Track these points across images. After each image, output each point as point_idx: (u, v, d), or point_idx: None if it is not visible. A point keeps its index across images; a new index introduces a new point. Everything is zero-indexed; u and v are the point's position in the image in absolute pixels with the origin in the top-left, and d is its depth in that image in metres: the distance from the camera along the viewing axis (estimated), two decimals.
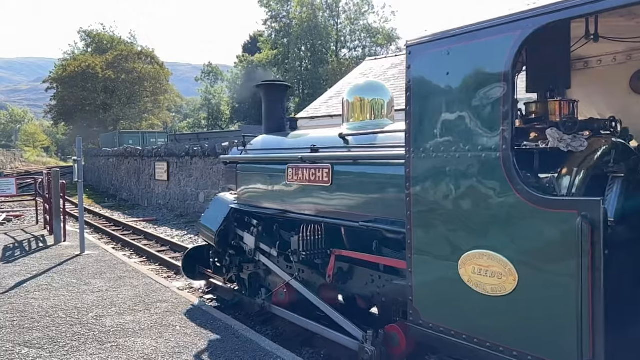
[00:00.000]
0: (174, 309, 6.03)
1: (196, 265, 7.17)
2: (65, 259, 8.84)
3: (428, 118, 3.30)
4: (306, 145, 5.03)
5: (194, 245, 8.50)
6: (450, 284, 3.18)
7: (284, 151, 5.48)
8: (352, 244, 4.67)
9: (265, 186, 5.61)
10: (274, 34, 48.21)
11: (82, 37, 55.18)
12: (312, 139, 5.25)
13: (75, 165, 9.50)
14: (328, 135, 5.13)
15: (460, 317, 3.18)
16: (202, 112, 65.64)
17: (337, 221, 4.60)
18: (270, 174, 5.53)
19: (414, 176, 3.39)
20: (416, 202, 3.38)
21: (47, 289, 6.88)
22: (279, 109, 6.42)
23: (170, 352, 4.74)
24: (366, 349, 4.07)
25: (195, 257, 7.18)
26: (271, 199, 5.50)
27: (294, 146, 5.40)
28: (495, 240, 2.94)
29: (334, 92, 23.09)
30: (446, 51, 3.20)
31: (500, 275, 2.89)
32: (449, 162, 3.16)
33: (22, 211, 17.04)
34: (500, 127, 2.88)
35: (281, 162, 5.32)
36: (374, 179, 4.28)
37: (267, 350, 4.75)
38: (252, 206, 5.86)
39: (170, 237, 12.50)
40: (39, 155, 69.01)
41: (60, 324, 5.52)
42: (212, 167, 15.29)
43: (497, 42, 2.91)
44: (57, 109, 51.51)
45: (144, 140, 34.83)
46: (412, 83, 3.43)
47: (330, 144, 4.82)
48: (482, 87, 2.99)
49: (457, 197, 3.12)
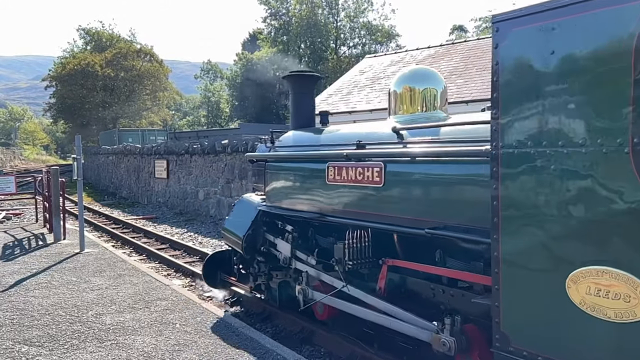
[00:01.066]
0: (173, 307, 6.02)
1: (218, 271, 6.59)
2: (65, 257, 8.84)
3: (524, 106, 2.75)
4: (349, 141, 4.47)
5: (213, 250, 8.03)
6: (553, 305, 2.64)
7: (322, 148, 4.91)
8: (407, 252, 4.16)
9: (300, 186, 5.05)
10: (274, 32, 48.16)
11: (81, 35, 55.15)
12: (356, 134, 4.63)
13: (75, 163, 9.49)
14: (376, 129, 4.56)
15: (566, 347, 2.62)
16: (202, 110, 65.64)
17: (392, 227, 4.02)
18: (306, 173, 4.97)
19: (504, 176, 2.83)
20: (507, 206, 2.82)
21: (46, 287, 6.88)
22: (309, 102, 5.84)
23: (170, 349, 4.74)
24: (443, 340, 3.53)
25: (217, 263, 6.60)
26: (307, 200, 4.92)
27: (334, 142, 4.85)
28: (621, 254, 2.39)
29: (334, 89, 23.07)
30: (550, 26, 2.63)
31: (628, 297, 2.37)
32: (553, 159, 2.60)
33: (21, 209, 17.03)
34: (629, 115, 2.33)
35: (319, 160, 4.74)
36: (441, 179, 3.67)
37: (267, 348, 4.75)
38: (283, 209, 5.24)
39: (169, 235, 12.49)
40: (39, 153, 69.06)
41: (60, 321, 5.51)
42: (211, 164, 15.27)
43: (628, 11, 2.35)
44: (56, 106, 51.54)
45: (144, 138, 34.82)
46: (501, 66, 2.84)
47: (379, 139, 4.26)
48: (603, 67, 2.43)
49: (565, 200, 2.57)
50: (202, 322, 5.49)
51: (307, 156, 5.00)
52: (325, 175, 4.61)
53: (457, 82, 17.62)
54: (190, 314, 5.77)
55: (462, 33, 52.48)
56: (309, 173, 4.93)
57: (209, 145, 15.44)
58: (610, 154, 2.40)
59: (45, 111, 57.45)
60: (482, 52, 18.88)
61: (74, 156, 9.63)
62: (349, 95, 21.15)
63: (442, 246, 3.79)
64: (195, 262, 9.37)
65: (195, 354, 4.64)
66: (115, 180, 24.37)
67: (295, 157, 5.23)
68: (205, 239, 11.96)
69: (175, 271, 8.75)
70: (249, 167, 11.44)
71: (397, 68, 21.52)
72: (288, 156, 5.35)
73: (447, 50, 21.11)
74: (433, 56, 21.03)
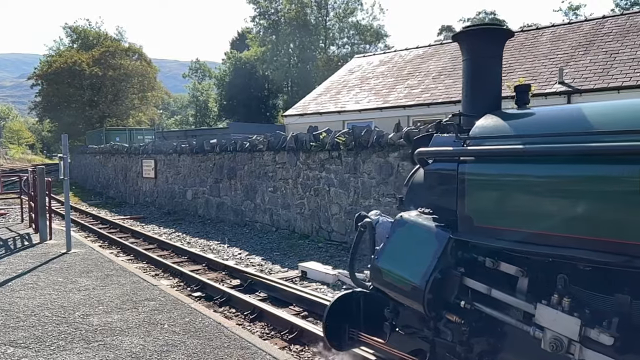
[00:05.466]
0: (162, 307, 5.98)
1: (344, 325, 4.11)
2: (51, 257, 8.74)
3: None
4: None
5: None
6: None
7: (603, 137, 2.67)
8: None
9: (566, 203, 2.78)
10: (263, 31, 48.12)
11: (67, 33, 54.55)
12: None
13: (61, 163, 9.39)
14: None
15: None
16: (190, 109, 65.33)
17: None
18: (586, 180, 2.69)
19: None
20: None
21: (32, 288, 6.80)
22: (497, 71, 3.68)
23: (158, 350, 4.71)
24: None
25: (340, 312, 4.13)
26: (588, 228, 2.63)
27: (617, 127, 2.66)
28: None
29: (323, 89, 23.09)
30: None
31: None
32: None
33: (6, 209, 16.81)
34: None
35: (623, 159, 2.51)
36: None
37: (257, 348, 4.74)
38: (513, 240, 2.97)
39: (157, 235, 12.42)
40: (24, 152, 68.20)
41: (46, 322, 5.45)
42: (200, 164, 15.20)
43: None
44: (42, 105, 50.95)
45: (131, 137, 34.54)
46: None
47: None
48: None
49: None
50: (190, 322, 5.47)
51: (593, 150, 2.70)
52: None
53: (445, 82, 17.72)
54: (179, 314, 5.74)
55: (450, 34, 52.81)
56: (593, 180, 2.71)
57: (197, 145, 15.37)
58: None
59: (31, 109, 56.80)
60: None
61: (60, 155, 9.53)
62: (338, 95, 21.19)
63: None
64: (183, 262, 9.33)
65: (184, 354, 4.62)
66: (103, 179, 24.17)
67: (557, 152, 2.85)
68: (193, 239, 11.90)
69: (164, 271, 8.70)
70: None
71: (386, 68, 21.60)
72: (539, 151, 2.92)
73: (436, 50, 21.24)
74: (422, 56, 21.15)
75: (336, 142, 10.16)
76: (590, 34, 16.28)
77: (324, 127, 11.66)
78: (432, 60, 20.18)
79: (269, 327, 5.85)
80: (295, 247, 10.37)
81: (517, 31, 19.25)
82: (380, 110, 18.06)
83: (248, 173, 13.00)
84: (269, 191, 12.23)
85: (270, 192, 12.21)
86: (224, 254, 10.18)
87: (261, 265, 9.11)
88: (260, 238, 11.54)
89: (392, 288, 3.58)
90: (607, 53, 14.83)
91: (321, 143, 10.59)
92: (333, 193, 10.45)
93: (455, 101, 15.94)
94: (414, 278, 3.32)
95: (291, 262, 9.09)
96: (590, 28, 16.70)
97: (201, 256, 9.57)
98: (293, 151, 11.44)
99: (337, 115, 19.49)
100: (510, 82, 14.06)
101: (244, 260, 9.53)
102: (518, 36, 18.49)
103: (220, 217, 14.11)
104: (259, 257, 9.75)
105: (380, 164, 9.36)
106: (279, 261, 9.32)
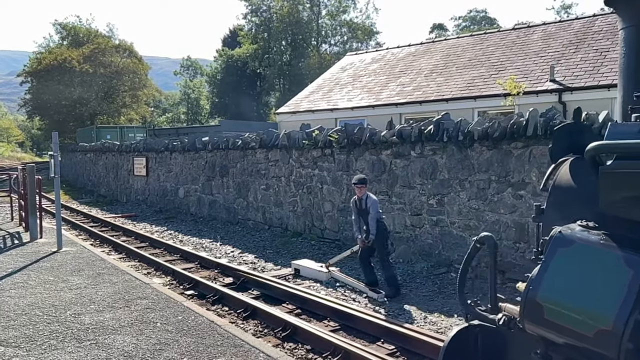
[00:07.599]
0: (154, 306, 5.96)
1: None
2: (42, 255, 8.67)
3: None
4: None
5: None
6: None
7: None
8: None
9: None
10: (254, 28, 47.96)
11: (57, 30, 54.01)
12: None
13: (52, 161, 9.31)
14: None
15: None
16: (181, 107, 65.00)
17: None
18: None
19: None
20: None
21: (23, 287, 6.74)
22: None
23: (151, 349, 4.69)
24: None
25: (456, 352, 3.27)
26: None
27: None
28: None
29: (315, 86, 23.06)
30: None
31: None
32: None
33: None
34: None
35: None
36: None
37: (250, 346, 4.73)
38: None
39: (149, 233, 12.36)
40: (13, 150, 67.49)
41: (38, 322, 5.41)
42: (192, 162, 15.14)
43: None
44: (32, 102, 50.42)
45: (122, 135, 34.32)
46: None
47: None
48: None
49: None
50: (183, 320, 5.45)
51: None
52: None
53: (437, 80, 17.76)
54: (172, 312, 5.71)
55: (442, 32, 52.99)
56: None
57: (189, 143, 15.30)
58: None
59: (21, 107, 56.16)
60: (462, 50, 19.08)
61: (50, 153, 9.45)
62: (330, 93, 21.17)
63: None
64: (175, 261, 9.30)
65: (176, 352, 4.60)
66: (94, 178, 23.99)
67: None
68: (185, 237, 11.86)
69: (156, 270, 8.66)
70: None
71: (379, 66, 21.61)
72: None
73: (428, 48, 21.28)
74: (414, 54, 21.18)
75: (329, 140, 10.16)
76: (581, 32, 16.37)
77: (317, 124, 11.64)
78: (424, 58, 20.21)
79: (262, 325, 5.84)
80: (288, 245, 10.36)
81: (509, 29, 19.34)
82: (372, 108, 18.06)
83: (240, 171, 12.96)
84: (262, 189, 12.21)
85: (262, 189, 12.19)
86: (216, 252, 10.15)
87: (254, 263, 9.09)
88: (253, 236, 11.52)
89: (560, 330, 2.53)
90: (597, 51, 14.93)
91: (314, 141, 10.58)
92: (326, 190, 10.45)
93: (448, 99, 15.99)
94: (602, 319, 2.32)
95: (284, 260, 9.08)
96: (581, 26, 16.79)
97: (193, 254, 9.54)
98: (286, 149, 11.42)
99: (330, 113, 19.47)
100: (501, 79, 14.12)
101: (237, 258, 9.50)
102: (510, 34, 18.58)
103: (213, 215, 14.07)
104: (251, 255, 9.74)
105: (373, 162, 9.37)
106: (271, 259, 9.31)
